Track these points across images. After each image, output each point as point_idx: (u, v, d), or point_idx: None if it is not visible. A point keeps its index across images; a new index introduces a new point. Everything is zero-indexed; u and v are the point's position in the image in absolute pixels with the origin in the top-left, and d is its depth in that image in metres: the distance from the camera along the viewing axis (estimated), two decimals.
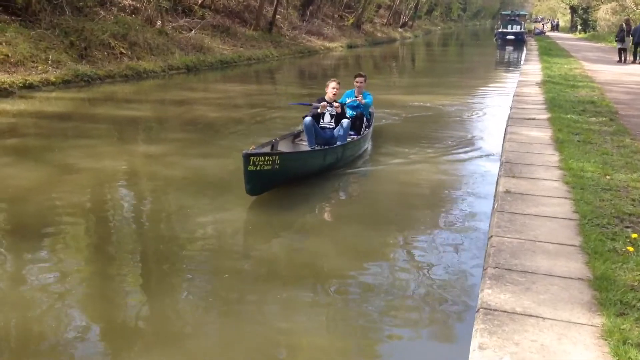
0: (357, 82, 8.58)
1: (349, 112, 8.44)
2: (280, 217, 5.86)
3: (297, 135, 8.13)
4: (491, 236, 4.41)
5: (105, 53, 16.60)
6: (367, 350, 3.66)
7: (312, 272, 4.70)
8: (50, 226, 5.54)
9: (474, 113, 12.94)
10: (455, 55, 37.43)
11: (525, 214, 4.84)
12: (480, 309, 3.29)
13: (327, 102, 7.56)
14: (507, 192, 5.44)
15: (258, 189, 6.02)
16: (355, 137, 8.14)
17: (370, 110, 9.08)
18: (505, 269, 3.80)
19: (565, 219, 4.75)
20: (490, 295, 3.45)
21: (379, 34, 42.54)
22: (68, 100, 13.08)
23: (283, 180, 6.24)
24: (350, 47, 33.69)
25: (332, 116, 7.61)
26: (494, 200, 5.48)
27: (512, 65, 27.13)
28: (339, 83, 7.70)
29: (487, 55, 35.19)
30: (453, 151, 8.89)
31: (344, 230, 5.59)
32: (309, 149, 7.37)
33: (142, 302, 4.23)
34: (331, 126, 7.60)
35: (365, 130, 8.52)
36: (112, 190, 6.79)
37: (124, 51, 17.20)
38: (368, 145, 8.77)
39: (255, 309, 4.08)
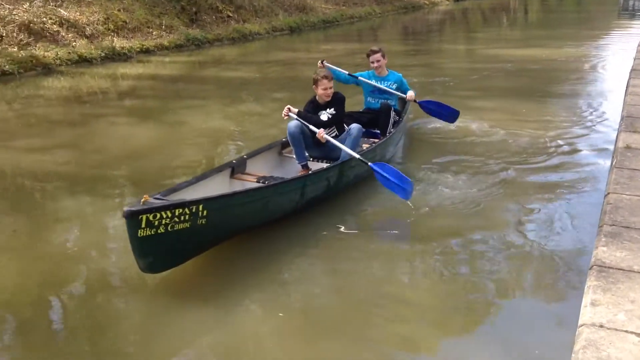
0: (373, 60, 6.26)
1: (368, 103, 6.41)
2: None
3: (286, 145, 5.67)
4: (608, 193, 4.17)
5: (214, 17, 17.21)
6: (474, 305, 3.62)
7: (417, 227, 4.69)
8: (168, 180, 5.93)
9: (591, 65, 12.06)
10: (572, 4, 34.76)
11: None
12: (594, 266, 3.15)
13: (322, 118, 5.39)
14: (628, 147, 5.08)
15: (166, 261, 3.65)
16: (378, 139, 5.96)
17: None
18: (623, 227, 3.59)
19: None
20: (605, 252, 3.28)
21: None
22: (181, 64, 13.75)
23: (223, 237, 4.04)
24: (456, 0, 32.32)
25: (329, 118, 5.39)
26: (613, 156, 5.15)
27: (637, 13, 24.73)
28: (329, 79, 5.34)
29: (609, 3, 32.32)
30: (567, 105, 8.38)
31: (449, 187, 5.47)
32: (299, 165, 5.34)
33: (247, 251, 4.37)
34: (332, 134, 5.37)
35: (392, 128, 6.03)
36: (223, 148, 7.13)
37: (230, 14, 17.74)
38: (397, 149, 6.27)
39: (360, 261, 4.15)
